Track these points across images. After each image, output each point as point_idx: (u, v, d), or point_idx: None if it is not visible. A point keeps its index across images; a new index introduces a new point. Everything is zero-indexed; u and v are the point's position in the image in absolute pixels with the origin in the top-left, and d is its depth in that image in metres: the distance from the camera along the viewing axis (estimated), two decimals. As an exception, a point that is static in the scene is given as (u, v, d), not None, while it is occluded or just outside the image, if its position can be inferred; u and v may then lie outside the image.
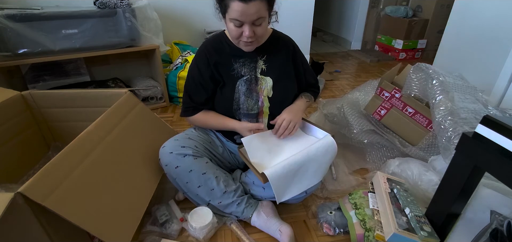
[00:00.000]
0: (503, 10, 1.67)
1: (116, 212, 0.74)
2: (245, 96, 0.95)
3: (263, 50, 0.95)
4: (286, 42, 0.99)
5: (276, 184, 0.83)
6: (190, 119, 1.02)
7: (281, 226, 0.89)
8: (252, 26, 0.80)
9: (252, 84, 0.95)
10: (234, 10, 0.76)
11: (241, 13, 0.76)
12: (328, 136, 0.91)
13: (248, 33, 0.80)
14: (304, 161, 0.86)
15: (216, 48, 0.94)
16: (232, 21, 0.80)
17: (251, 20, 0.78)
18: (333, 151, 0.90)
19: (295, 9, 2.35)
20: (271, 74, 0.96)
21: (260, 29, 0.82)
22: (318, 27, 4.20)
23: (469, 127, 0.98)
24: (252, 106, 0.95)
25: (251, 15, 0.77)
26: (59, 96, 1.12)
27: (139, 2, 1.63)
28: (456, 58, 2.03)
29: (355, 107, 1.43)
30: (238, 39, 0.85)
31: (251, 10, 0.76)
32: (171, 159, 0.90)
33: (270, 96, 0.96)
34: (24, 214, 0.58)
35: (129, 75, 1.98)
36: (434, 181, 0.99)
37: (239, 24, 0.80)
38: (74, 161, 0.69)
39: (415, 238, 0.76)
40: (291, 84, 1.00)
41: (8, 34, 1.33)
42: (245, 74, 0.94)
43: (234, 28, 0.81)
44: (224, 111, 0.98)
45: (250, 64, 0.95)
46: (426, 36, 3.05)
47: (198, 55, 0.96)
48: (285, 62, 0.98)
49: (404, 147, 1.22)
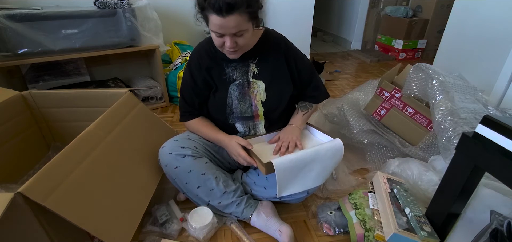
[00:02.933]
0: (503, 10, 1.67)
1: (116, 212, 0.74)
2: (238, 101, 0.93)
3: (255, 53, 0.92)
4: (277, 42, 0.95)
5: (281, 175, 0.81)
6: (186, 125, 1.02)
7: (281, 226, 0.89)
8: (234, 37, 0.78)
9: (245, 88, 0.93)
10: (213, 23, 0.75)
11: (220, 26, 0.74)
12: (337, 139, 0.89)
13: (229, 44, 0.78)
14: (312, 159, 0.85)
15: (208, 52, 0.92)
16: (213, 32, 0.79)
17: (231, 33, 0.77)
18: (340, 156, 0.89)
19: (295, 9, 2.34)
20: (263, 77, 0.93)
21: (242, 40, 0.80)
22: (318, 27, 4.19)
23: (469, 127, 0.98)
24: (245, 109, 0.94)
25: (230, 28, 0.75)
26: (59, 96, 1.12)
27: (139, 2, 1.62)
28: (456, 58, 2.03)
29: (355, 107, 1.43)
30: (221, 48, 0.83)
31: (229, 24, 0.74)
32: (171, 160, 0.90)
33: (264, 100, 0.94)
34: (24, 214, 0.58)
35: (129, 75, 1.98)
36: (434, 181, 0.99)
37: (220, 35, 0.78)
38: (74, 161, 0.69)
39: (415, 238, 0.76)
40: (286, 86, 0.96)
41: (8, 34, 1.33)
42: (237, 79, 0.93)
43: (216, 38, 0.80)
44: (218, 115, 0.97)
45: (242, 68, 0.93)
46: (426, 36, 3.05)
47: (191, 59, 0.95)
48: (277, 63, 0.94)
49: (404, 147, 1.22)
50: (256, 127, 0.99)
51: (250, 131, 0.99)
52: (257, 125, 0.98)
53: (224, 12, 0.71)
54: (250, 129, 0.98)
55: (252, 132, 0.99)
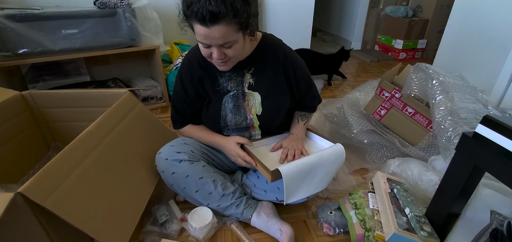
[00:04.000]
0: (503, 11, 1.67)
1: (114, 213, 0.74)
2: (232, 114, 0.90)
3: (250, 62, 0.87)
4: (276, 51, 0.87)
5: (288, 182, 0.79)
6: (180, 132, 1.01)
7: (282, 226, 0.89)
8: (221, 48, 0.72)
9: (239, 100, 0.89)
10: (198, 33, 0.70)
11: (204, 36, 0.68)
12: (338, 144, 0.89)
13: (217, 56, 0.72)
14: (316, 164, 0.84)
15: (200, 62, 0.86)
16: (199, 42, 0.73)
17: (218, 44, 0.70)
18: (342, 161, 0.88)
19: (295, 9, 2.34)
20: (259, 89, 0.88)
21: (231, 51, 0.73)
22: (318, 27, 4.19)
23: (469, 127, 0.98)
24: (240, 122, 0.92)
25: (216, 39, 0.68)
26: (59, 96, 1.12)
27: (139, 2, 1.62)
28: (456, 58, 2.03)
29: (355, 107, 1.43)
30: (209, 59, 0.77)
31: (214, 34, 0.67)
32: (167, 165, 0.89)
33: (259, 114, 0.90)
34: (24, 214, 0.58)
35: (129, 75, 1.98)
36: (434, 181, 0.99)
37: (206, 46, 0.72)
38: (74, 161, 0.69)
39: (415, 238, 0.76)
40: (283, 98, 0.90)
41: (8, 34, 1.33)
42: (232, 90, 0.88)
43: (203, 49, 0.74)
44: (211, 128, 0.96)
45: (236, 78, 0.88)
46: (426, 36, 3.05)
47: (181, 69, 0.90)
48: (274, 74, 0.88)
49: (404, 147, 1.22)
50: (252, 137, 0.99)
51: None
52: (253, 135, 0.98)
53: (208, 22, 0.65)
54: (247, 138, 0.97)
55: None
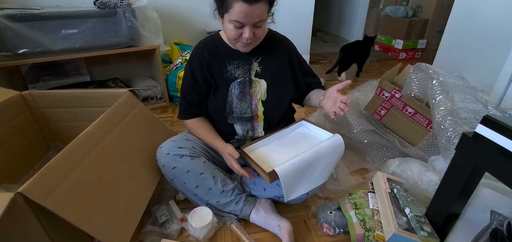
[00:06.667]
0: (503, 10, 1.67)
1: (115, 212, 0.74)
2: (238, 100, 0.93)
3: (258, 52, 0.92)
4: (283, 43, 0.97)
5: (286, 181, 0.80)
6: (184, 123, 1.02)
7: (280, 222, 0.89)
8: (253, 28, 0.79)
9: (246, 87, 0.93)
10: (237, 11, 0.74)
11: (245, 14, 0.74)
12: (336, 135, 0.89)
13: (248, 35, 0.78)
14: (314, 159, 0.83)
15: (210, 50, 0.92)
16: (232, 22, 0.77)
17: (253, 22, 0.77)
18: (341, 151, 0.88)
19: (295, 9, 2.34)
20: (265, 76, 0.94)
21: (260, 31, 0.81)
22: (318, 27, 4.20)
23: (469, 127, 0.98)
24: (245, 109, 0.94)
25: (254, 17, 0.75)
26: (59, 96, 1.12)
27: (139, 2, 1.63)
28: (456, 58, 2.03)
29: (355, 107, 1.43)
30: (236, 40, 0.82)
31: (255, 12, 0.74)
32: (168, 160, 0.90)
33: (264, 100, 0.94)
34: (24, 214, 0.58)
35: (129, 75, 1.98)
36: (434, 181, 0.99)
37: (240, 26, 0.77)
38: (74, 161, 0.69)
39: (415, 238, 0.76)
40: (287, 87, 0.97)
41: (8, 34, 1.33)
42: (239, 77, 0.92)
43: (233, 29, 0.79)
44: (217, 114, 0.97)
45: (244, 66, 0.93)
46: (426, 36, 3.05)
47: (192, 57, 0.94)
48: (281, 64, 0.95)
49: (404, 147, 1.22)
50: (255, 129, 0.98)
51: (248, 133, 0.98)
52: (255, 126, 0.98)
53: (253, 0, 0.72)
54: (249, 130, 0.98)
55: (251, 134, 0.99)
